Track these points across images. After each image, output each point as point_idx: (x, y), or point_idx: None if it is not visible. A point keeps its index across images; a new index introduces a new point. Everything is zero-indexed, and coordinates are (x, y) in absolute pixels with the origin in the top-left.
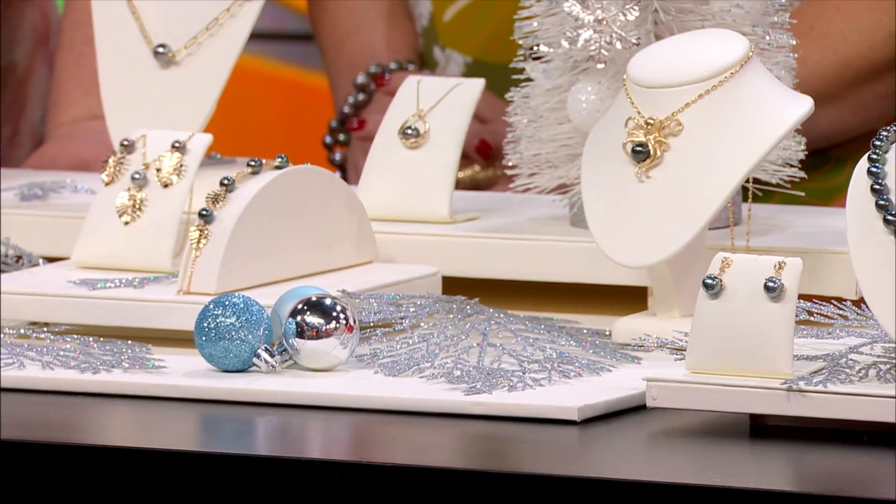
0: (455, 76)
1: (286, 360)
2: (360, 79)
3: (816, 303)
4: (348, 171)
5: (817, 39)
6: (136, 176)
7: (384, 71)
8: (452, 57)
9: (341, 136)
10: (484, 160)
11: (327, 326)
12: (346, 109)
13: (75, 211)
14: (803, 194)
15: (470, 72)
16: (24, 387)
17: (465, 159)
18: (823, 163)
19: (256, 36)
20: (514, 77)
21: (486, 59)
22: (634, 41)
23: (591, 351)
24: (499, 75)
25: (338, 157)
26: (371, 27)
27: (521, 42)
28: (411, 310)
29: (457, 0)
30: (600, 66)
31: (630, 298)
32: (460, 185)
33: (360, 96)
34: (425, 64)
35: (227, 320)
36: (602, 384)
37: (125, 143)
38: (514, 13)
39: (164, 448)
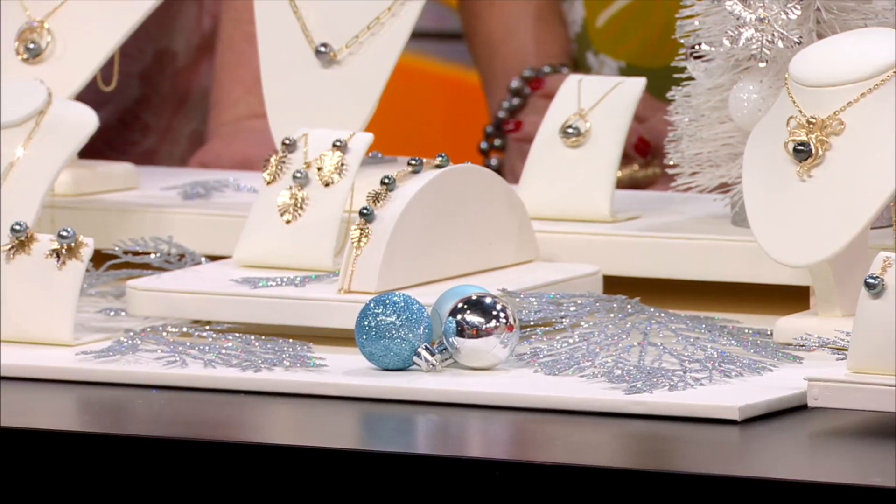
0: None
1: (446, 359)
2: (515, 83)
3: None
4: (505, 175)
5: None
6: (298, 175)
7: (538, 74)
8: (605, 62)
9: (497, 141)
10: (641, 157)
11: (487, 325)
12: (501, 114)
13: (237, 210)
14: None
15: (623, 76)
16: (186, 385)
17: (624, 157)
18: None
19: (418, 35)
20: (675, 76)
21: (638, 64)
22: (796, 40)
23: (752, 350)
24: (652, 78)
25: (494, 162)
26: (525, 32)
27: (682, 41)
28: (572, 309)
29: (609, 6)
30: (762, 64)
31: (791, 298)
32: (619, 183)
33: (515, 100)
34: (578, 69)
35: (388, 319)
36: (763, 384)
37: (287, 141)
38: (666, 17)
39: (324, 446)
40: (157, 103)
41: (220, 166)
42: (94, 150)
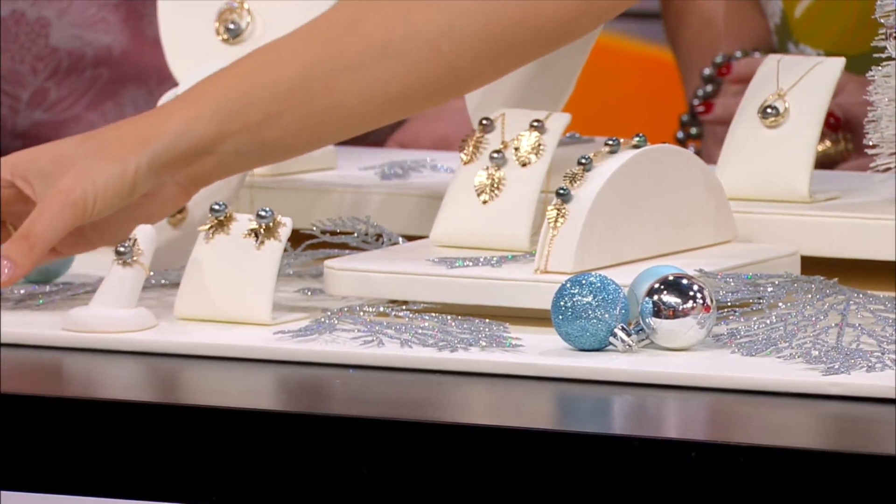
0: None
1: (643, 340)
2: (707, 70)
3: None
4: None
5: None
6: (495, 155)
7: (729, 60)
8: (805, 51)
9: (693, 130)
10: (833, 133)
11: (684, 306)
12: (696, 102)
13: (434, 190)
14: None
15: None
16: (383, 364)
17: None
18: None
19: (619, 14)
20: (875, 56)
21: (837, 51)
22: None
23: None
24: (851, 65)
25: (691, 150)
26: (721, 23)
27: (881, 21)
28: (769, 290)
29: None
30: None
31: None
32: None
33: (709, 87)
34: None
35: (584, 299)
36: None
37: (484, 122)
38: (860, 4)
39: (520, 426)
40: None
41: (419, 146)
42: None
